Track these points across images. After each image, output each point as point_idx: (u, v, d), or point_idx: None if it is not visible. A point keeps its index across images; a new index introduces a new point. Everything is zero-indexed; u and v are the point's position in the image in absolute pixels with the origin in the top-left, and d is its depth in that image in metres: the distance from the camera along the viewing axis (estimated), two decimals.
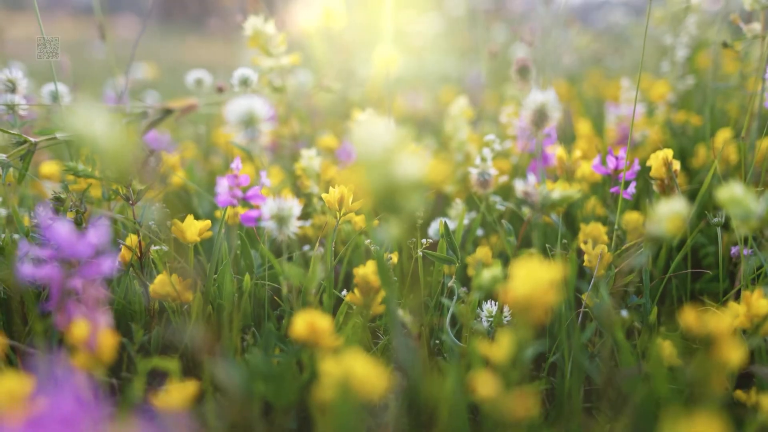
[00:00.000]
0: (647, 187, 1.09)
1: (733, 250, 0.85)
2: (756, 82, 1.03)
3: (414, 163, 0.44)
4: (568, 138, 1.47)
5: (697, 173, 1.17)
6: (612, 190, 0.91)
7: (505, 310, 0.74)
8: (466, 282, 0.97)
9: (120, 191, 0.82)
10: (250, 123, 0.57)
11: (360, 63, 1.94)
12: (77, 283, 0.58)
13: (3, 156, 0.82)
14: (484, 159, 0.92)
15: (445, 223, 0.81)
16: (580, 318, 0.79)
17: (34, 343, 0.67)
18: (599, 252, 0.79)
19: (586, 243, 0.82)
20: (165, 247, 0.81)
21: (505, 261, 0.98)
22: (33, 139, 0.86)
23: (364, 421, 0.57)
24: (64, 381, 0.45)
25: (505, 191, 1.19)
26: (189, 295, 0.72)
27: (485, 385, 0.47)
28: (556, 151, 1.04)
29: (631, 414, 0.61)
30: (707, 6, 1.56)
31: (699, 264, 1.01)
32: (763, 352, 0.67)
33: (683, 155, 1.25)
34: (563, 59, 2.13)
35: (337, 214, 0.79)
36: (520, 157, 1.25)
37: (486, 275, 0.60)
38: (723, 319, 0.49)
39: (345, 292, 0.80)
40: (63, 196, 0.82)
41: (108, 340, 0.53)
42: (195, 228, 0.77)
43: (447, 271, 0.87)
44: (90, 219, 0.83)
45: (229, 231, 0.97)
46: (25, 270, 0.57)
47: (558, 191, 0.63)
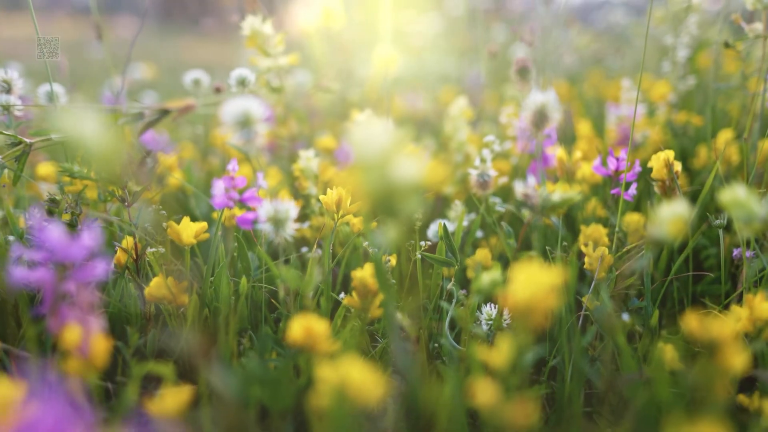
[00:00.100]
0: (648, 189, 1.08)
1: (735, 252, 0.84)
2: (758, 82, 1.02)
3: (412, 166, 0.43)
4: (568, 139, 1.46)
5: (699, 174, 1.17)
6: (613, 191, 0.90)
7: (505, 313, 0.73)
8: (465, 284, 0.96)
9: (116, 193, 0.82)
10: (245, 124, 0.56)
11: (359, 63, 1.93)
12: (71, 287, 0.57)
13: None
14: (483, 160, 0.92)
15: (444, 225, 0.80)
16: (580, 321, 0.78)
17: (27, 348, 0.67)
18: (600, 254, 0.78)
19: (586, 245, 0.81)
20: (162, 249, 0.80)
21: (505, 263, 0.97)
22: (28, 140, 0.85)
23: (361, 427, 0.56)
24: (53, 387, 0.45)
25: (505, 192, 1.18)
26: (185, 298, 0.71)
27: (484, 392, 0.46)
28: (556, 152, 1.03)
29: (633, 419, 0.60)
30: (708, 6, 1.56)
31: (700, 266, 1.00)
32: (767, 356, 0.66)
33: (684, 156, 1.24)
34: (563, 59, 2.12)
35: (335, 216, 0.79)
36: (520, 158, 1.24)
37: (485, 279, 0.59)
38: (726, 324, 0.49)
39: (343, 294, 0.79)
40: (58, 197, 0.82)
41: (101, 345, 0.53)
42: (191, 230, 0.76)
43: (446, 274, 0.86)
44: (85, 221, 0.82)
45: (226, 233, 0.96)
46: (18, 273, 0.56)
47: (558, 193, 0.62)
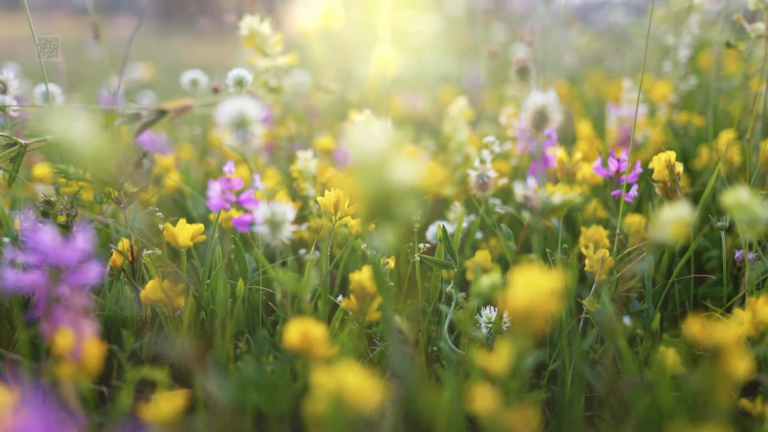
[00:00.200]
0: (649, 190, 1.07)
1: (737, 254, 0.83)
2: (760, 82, 1.02)
3: (409, 168, 0.42)
4: (568, 139, 1.45)
5: (700, 175, 1.16)
6: (613, 192, 0.89)
7: (505, 315, 0.72)
8: (464, 286, 0.95)
9: (111, 194, 0.81)
10: (241, 125, 0.55)
11: (359, 63, 1.92)
12: (65, 290, 0.56)
13: None
14: (483, 161, 0.91)
15: (444, 227, 0.79)
16: (581, 324, 0.77)
17: (20, 352, 0.66)
18: (601, 256, 0.77)
19: (587, 247, 0.80)
20: (158, 252, 0.79)
21: (505, 265, 0.96)
22: (23, 141, 0.84)
23: None
24: (46, 393, 0.44)
25: (505, 194, 1.17)
26: (181, 301, 0.70)
27: (483, 399, 0.45)
28: (556, 153, 1.02)
29: (634, 424, 0.59)
30: (709, 5, 1.55)
31: (702, 268, 1.00)
32: None
33: (685, 157, 1.23)
34: (564, 59, 2.11)
35: (333, 218, 0.78)
36: (519, 159, 1.23)
37: (485, 282, 0.58)
38: (729, 329, 0.48)
39: (341, 297, 0.78)
40: (53, 199, 0.81)
41: (94, 349, 0.52)
42: (187, 232, 0.76)
43: (445, 276, 0.85)
44: (80, 223, 0.82)
45: (224, 234, 0.95)
46: (10, 277, 0.55)
47: (558, 195, 0.61)
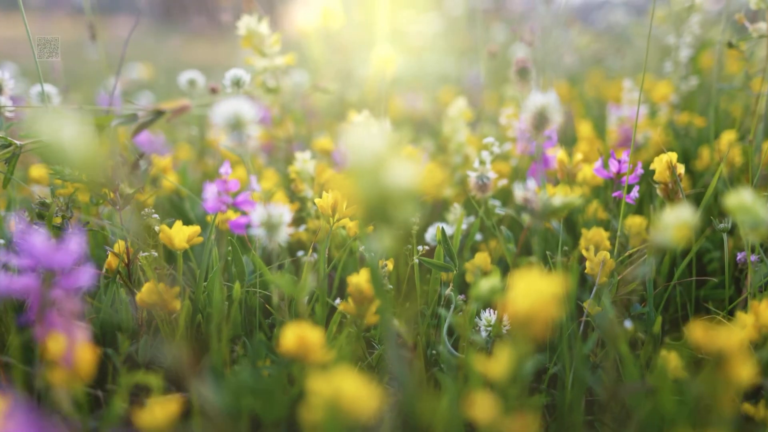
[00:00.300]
0: (650, 191, 1.06)
1: (739, 256, 0.82)
2: (762, 82, 1.01)
3: (407, 171, 0.42)
4: (569, 140, 1.44)
5: (701, 176, 1.15)
6: (614, 194, 0.88)
7: (505, 318, 0.72)
8: (464, 289, 0.94)
9: (107, 195, 0.80)
10: (236, 126, 0.55)
11: (358, 63, 1.91)
12: (58, 294, 0.55)
13: None
14: (482, 162, 0.90)
15: (443, 229, 0.78)
16: (581, 327, 0.77)
17: (12, 357, 0.65)
18: (601, 259, 0.77)
19: (587, 249, 0.79)
20: (154, 254, 0.79)
21: (505, 268, 0.95)
22: (18, 142, 0.83)
23: None
24: (32, 399, 0.43)
25: (505, 195, 1.17)
26: (177, 304, 0.69)
27: (483, 406, 0.44)
28: (556, 154, 1.01)
29: (636, 429, 0.58)
30: (710, 5, 1.54)
31: (703, 269, 0.99)
32: None
33: (686, 157, 1.22)
34: (564, 59, 2.10)
35: (331, 219, 0.77)
36: (519, 160, 1.22)
37: (484, 286, 0.57)
38: (733, 334, 0.47)
39: (339, 299, 0.78)
40: (48, 201, 0.80)
41: (87, 354, 0.51)
42: (183, 234, 0.75)
43: (444, 278, 0.84)
44: (75, 225, 0.81)
45: (221, 236, 0.95)
46: (2, 280, 0.54)
47: (559, 197, 0.60)
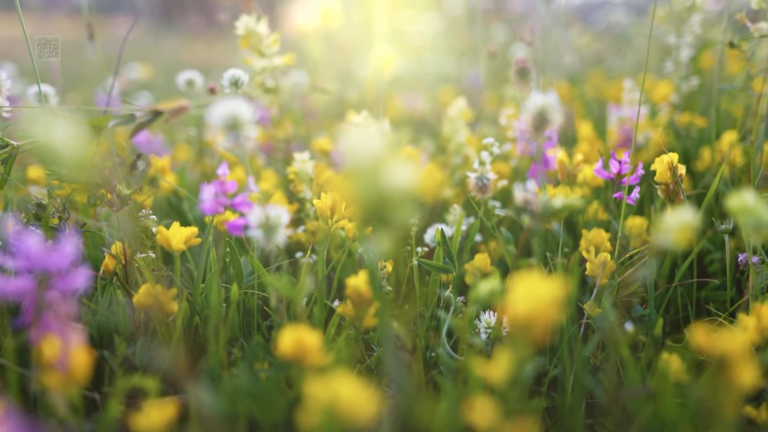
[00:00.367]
0: (651, 192, 1.06)
1: (741, 257, 0.82)
2: (763, 83, 1.00)
3: (405, 173, 0.41)
4: (569, 140, 1.43)
5: (702, 176, 1.14)
6: (615, 195, 0.88)
7: (504, 320, 0.71)
8: (464, 290, 0.93)
9: (104, 196, 0.79)
10: (233, 127, 0.54)
11: (358, 63, 1.91)
12: (53, 297, 0.55)
13: None
14: (482, 163, 0.89)
15: (442, 230, 0.78)
16: (582, 329, 0.76)
17: (7, 360, 0.64)
18: (602, 260, 0.76)
19: (588, 251, 0.79)
20: (152, 255, 0.78)
21: (504, 269, 0.94)
22: (15, 143, 0.83)
23: None
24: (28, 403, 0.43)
25: (505, 196, 1.16)
26: (174, 306, 0.69)
27: (482, 412, 0.44)
28: (557, 155, 1.01)
29: None
30: (711, 5, 1.53)
31: (704, 270, 0.98)
32: None
33: (687, 158, 1.21)
34: (564, 59, 2.10)
35: (329, 221, 0.76)
36: (519, 161, 1.21)
37: (484, 288, 0.57)
38: (735, 338, 0.46)
39: (338, 301, 0.77)
40: (45, 202, 0.79)
41: (82, 357, 0.50)
42: (181, 235, 0.74)
43: (444, 280, 0.84)
44: (72, 226, 0.80)
45: (219, 237, 0.94)
46: None
47: (559, 199, 0.60)
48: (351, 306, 0.66)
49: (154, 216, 0.80)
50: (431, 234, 0.93)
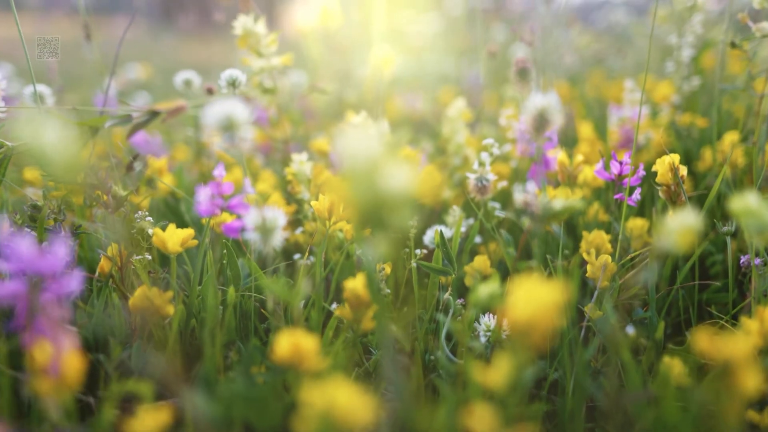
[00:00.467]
0: (652, 193, 1.05)
1: (743, 259, 0.81)
2: (765, 83, 0.99)
3: (403, 174, 0.40)
4: (569, 141, 1.43)
5: (704, 177, 1.14)
6: (616, 196, 0.87)
7: (504, 324, 0.70)
8: (463, 292, 0.93)
9: (100, 198, 0.79)
10: (229, 128, 0.53)
11: (357, 63, 1.90)
12: (47, 300, 0.54)
13: None
14: (482, 163, 0.89)
15: (441, 232, 0.77)
16: (582, 332, 0.75)
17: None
18: (603, 262, 0.75)
19: (588, 253, 0.78)
20: (148, 257, 0.77)
21: (504, 271, 0.94)
22: (10, 144, 0.82)
23: None
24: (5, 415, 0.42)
25: (505, 197, 1.15)
26: (170, 309, 0.68)
27: (481, 419, 0.43)
28: (557, 156, 1.00)
29: None
30: (712, 5, 1.52)
31: (706, 272, 0.97)
32: None
33: (688, 158, 1.21)
34: (564, 60, 2.09)
35: (327, 222, 0.76)
36: (519, 162, 1.21)
37: (483, 291, 0.56)
38: (739, 343, 0.46)
39: (335, 304, 0.76)
40: (40, 203, 0.79)
41: (74, 362, 0.50)
42: (177, 237, 0.73)
43: (443, 282, 0.83)
44: (67, 228, 0.79)
45: (216, 239, 0.93)
46: None
47: (560, 200, 0.59)
48: (349, 309, 0.65)
49: (150, 217, 0.79)
50: (430, 236, 0.92)
